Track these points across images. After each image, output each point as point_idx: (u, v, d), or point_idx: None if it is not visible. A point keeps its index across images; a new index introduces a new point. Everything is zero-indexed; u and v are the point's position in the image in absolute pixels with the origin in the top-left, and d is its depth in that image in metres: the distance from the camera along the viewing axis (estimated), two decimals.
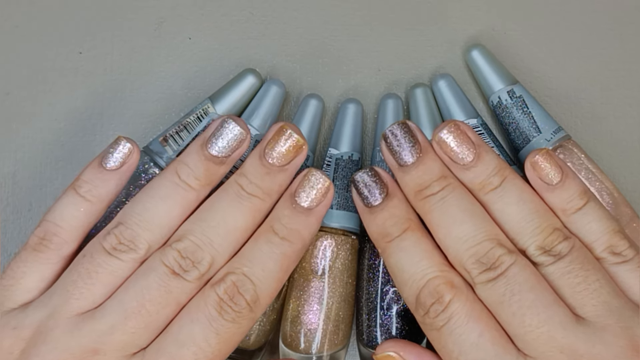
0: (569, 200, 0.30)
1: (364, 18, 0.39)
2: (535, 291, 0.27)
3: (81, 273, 0.28)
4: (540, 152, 0.30)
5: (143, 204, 0.29)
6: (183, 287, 0.28)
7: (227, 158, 0.30)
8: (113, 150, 0.31)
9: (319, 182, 0.30)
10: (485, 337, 0.27)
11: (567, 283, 0.28)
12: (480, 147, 0.30)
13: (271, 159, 0.30)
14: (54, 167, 0.39)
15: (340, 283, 0.34)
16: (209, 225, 0.29)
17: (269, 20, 0.39)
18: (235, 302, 0.28)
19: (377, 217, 0.30)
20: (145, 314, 0.28)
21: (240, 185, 0.30)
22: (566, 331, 0.27)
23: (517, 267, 0.28)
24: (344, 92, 0.39)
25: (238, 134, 0.30)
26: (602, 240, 0.29)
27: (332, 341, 0.34)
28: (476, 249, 0.28)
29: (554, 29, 0.39)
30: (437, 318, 0.28)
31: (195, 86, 0.39)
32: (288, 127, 0.30)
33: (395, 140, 0.30)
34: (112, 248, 0.29)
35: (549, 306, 0.27)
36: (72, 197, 0.30)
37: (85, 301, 0.28)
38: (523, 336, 0.27)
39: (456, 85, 0.37)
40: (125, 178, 0.31)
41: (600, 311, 0.27)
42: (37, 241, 0.30)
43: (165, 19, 0.39)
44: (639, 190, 0.38)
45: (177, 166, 0.30)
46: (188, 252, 0.28)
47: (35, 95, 0.39)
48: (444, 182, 0.30)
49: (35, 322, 0.28)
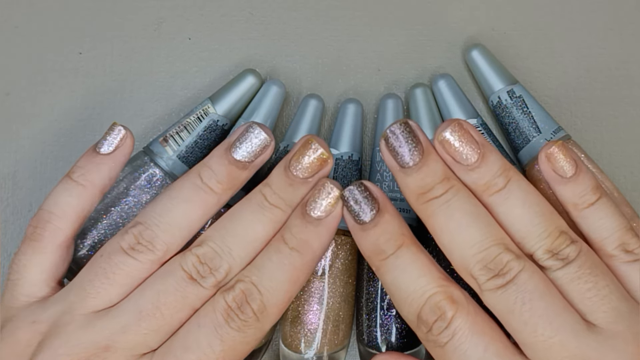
0: (581, 195, 0.29)
1: (363, 18, 0.39)
2: (546, 299, 0.27)
3: (98, 273, 0.29)
4: (556, 144, 0.30)
5: (163, 205, 0.29)
6: (199, 293, 0.28)
7: (250, 163, 0.30)
8: (107, 135, 0.31)
9: (330, 193, 0.30)
10: (491, 351, 0.27)
11: (576, 289, 0.27)
12: (484, 147, 0.29)
13: (295, 171, 0.30)
14: (54, 167, 0.39)
15: (340, 283, 0.34)
16: (229, 234, 0.29)
17: (268, 21, 0.39)
18: (242, 311, 0.28)
19: (370, 234, 0.29)
20: (160, 317, 0.28)
21: (264, 195, 0.30)
22: (579, 339, 0.26)
23: (527, 274, 0.27)
24: (344, 92, 0.39)
25: (263, 140, 0.30)
26: (614, 237, 0.29)
27: (332, 341, 0.34)
28: (483, 254, 0.27)
29: (554, 29, 0.39)
30: (441, 335, 0.27)
31: (195, 86, 0.39)
32: (314, 140, 0.30)
33: (396, 140, 0.29)
34: (129, 248, 0.29)
35: (560, 314, 0.27)
36: (65, 183, 0.31)
37: (101, 300, 0.28)
38: (534, 345, 0.27)
39: (456, 85, 0.37)
40: (119, 163, 0.31)
41: (611, 317, 0.27)
42: (32, 230, 0.30)
43: (165, 19, 0.39)
44: (639, 190, 0.38)
45: (200, 169, 0.30)
46: (207, 258, 0.28)
47: (35, 95, 0.39)
48: (447, 184, 0.29)
49: (52, 317, 0.28)
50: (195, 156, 0.36)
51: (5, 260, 0.38)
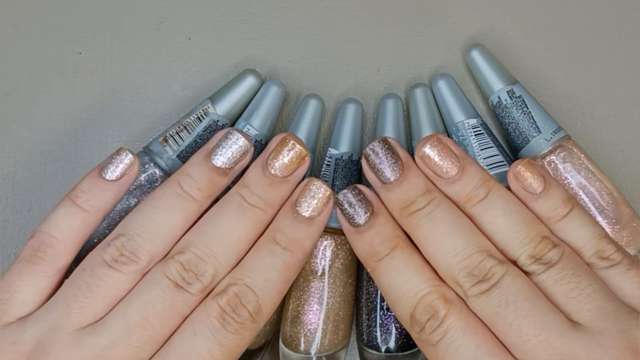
0: (553, 208, 0.30)
1: (364, 18, 0.39)
2: (530, 300, 0.27)
3: (81, 287, 0.28)
4: (522, 163, 0.30)
5: (145, 215, 0.29)
6: (186, 299, 0.28)
7: (230, 169, 0.30)
8: (114, 161, 0.30)
9: (319, 192, 0.30)
10: (483, 350, 0.27)
11: (560, 290, 0.28)
12: (463, 160, 0.30)
13: (274, 170, 0.30)
14: (54, 167, 0.39)
15: (340, 283, 0.34)
16: (212, 238, 0.29)
17: (268, 21, 0.39)
18: (238, 313, 0.28)
19: (364, 237, 0.30)
20: (149, 328, 0.27)
21: (242, 196, 0.30)
22: (564, 338, 0.27)
23: (510, 277, 0.28)
24: (344, 92, 0.39)
25: (242, 146, 0.30)
26: (589, 246, 0.29)
27: (332, 341, 0.34)
28: (467, 262, 0.28)
29: (554, 29, 0.39)
30: (433, 333, 0.27)
31: (195, 86, 0.39)
32: (291, 137, 0.30)
33: (376, 157, 0.30)
34: (112, 260, 0.28)
35: (545, 314, 0.27)
36: (68, 207, 0.30)
37: (86, 316, 0.28)
38: (521, 346, 0.27)
39: (456, 85, 0.37)
40: (124, 189, 0.31)
41: (596, 315, 0.27)
42: (32, 253, 0.29)
43: (165, 19, 0.39)
44: (639, 190, 0.38)
45: (180, 177, 0.30)
46: (191, 264, 0.28)
47: (35, 95, 0.39)
48: (428, 196, 0.29)
49: (35, 337, 0.27)
50: None
51: (4, 261, 0.38)
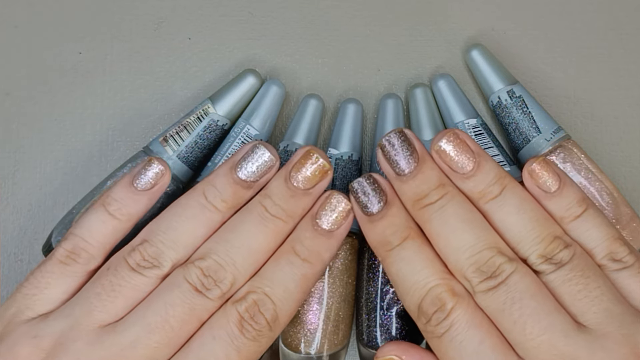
0: (567, 208, 0.30)
1: (364, 18, 0.39)
2: (537, 299, 0.27)
3: (105, 286, 0.29)
4: (537, 160, 0.30)
5: (169, 222, 0.30)
6: (205, 304, 0.29)
7: (254, 182, 0.31)
8: (145, 171, 0.31)
9: (340, 205, 0.31)
10: (486, 344, 0.27)
11: (568, 291, 0.28)
12: (479, 156, 0.30)
13: (296, 182, 0.30)
14: (54, 167, 0.39)
15: (340, 283, 0.34)
16: (233, 246, 0.29)
17: (268, 21, 0.39)
18: (256, 321, 0.28)
19: (377, 226, 0.30)
20: (169, 329, 0.28)
21: (264, 207, 0.30)
22: (567, 339, 0.27)
23: (518, 275, 0.28)
24: (344, 92, 0.39)
25: (268, 160, 0.31)
26: (601, 247, 0.29)
27: (332, 341, 0.34)
28: (476, 257, 0.28)
29: (554, 29, 0.39)
30: (439, 325, 0.28)
31: (195, 86, 0.39)
32: (315, 151, 0.30)
33: (392, 149, 0.30)
34: (136, 264, 0.29)
35: (550, 314, 0.27)
36: (101, 214, 0.30)
37: (108, 314, 0.28)
38: (524, 344, 0.27)
39: (456, 85, 0.37)
40: (155, 198, 0.31)
41: (602, 318, 0.27)
42: (66, 254, 0.30)
43: (165, 19, 0.39)
44: (639, 190, 0.38)
45: (205, 187, 0.30)
46: (211, 270, 0.29)
47: (35, 95, 0.39)
48: (442, 190, 0.29)
49: (56, 333, 0.28)
50: (195, 156, 0.36)
51: (5, 260, 0.38)
